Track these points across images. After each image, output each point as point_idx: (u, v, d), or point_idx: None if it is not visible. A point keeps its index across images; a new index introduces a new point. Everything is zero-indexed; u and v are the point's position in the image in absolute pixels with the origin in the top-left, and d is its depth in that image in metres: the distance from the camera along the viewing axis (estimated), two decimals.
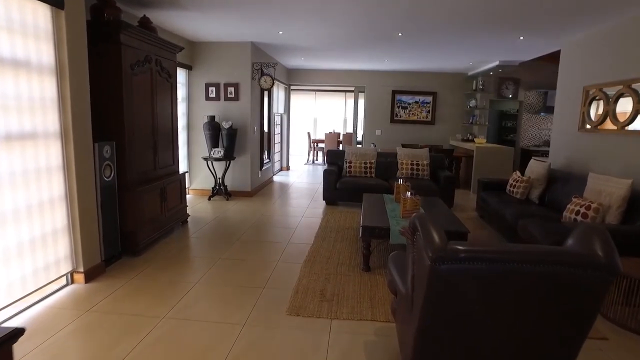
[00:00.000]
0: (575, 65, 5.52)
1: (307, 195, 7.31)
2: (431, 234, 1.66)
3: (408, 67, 9.40)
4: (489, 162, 8.03)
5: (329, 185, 6.42)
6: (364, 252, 3.73)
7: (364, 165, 6.72)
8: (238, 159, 6.93)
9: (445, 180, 6.30)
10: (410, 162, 6.70)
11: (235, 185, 7.03)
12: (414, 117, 10.18)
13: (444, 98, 10.04)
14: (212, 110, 6.82)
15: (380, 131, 10.28)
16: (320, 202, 6.70)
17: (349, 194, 6.37)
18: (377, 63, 8.75)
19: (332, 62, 8.89)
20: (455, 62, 8.25)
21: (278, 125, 10.00)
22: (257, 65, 6.88)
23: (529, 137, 9.89)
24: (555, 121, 6.10)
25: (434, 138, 10.19)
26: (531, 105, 9.78)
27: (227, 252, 4.20)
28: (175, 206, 4.84)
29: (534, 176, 5.37)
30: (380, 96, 10.16)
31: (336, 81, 10.23)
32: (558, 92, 6.05)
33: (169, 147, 4.77)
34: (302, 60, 8.61)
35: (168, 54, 4.60)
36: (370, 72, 10.05)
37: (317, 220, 5.55)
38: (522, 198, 5.35)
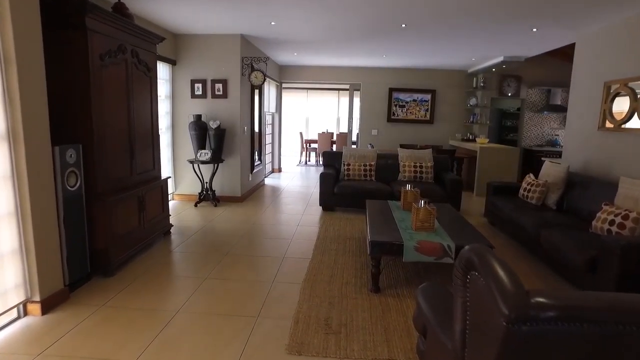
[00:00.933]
0: (594, 58, 5.09)
1: (301, 200, 6.80)
2: (501, 279, 1.17)
3: (406, 64, 8.94)
4: (493, 163, 7.61)
5: (326, 190, 5.92)
6: (373, 270, 3.23)
7: (364, 168, 6.23)
8: (227, 162, 6.40)
9: (452, 184, 5.84)
10: (413, 164, 6.23)
11: (224, 189, 6.50)
12: (412, 116, 9.73)
13: (444, 96, 9.61)
14: (198, 109, 6.27)
15: (376, 131, 9.81)
16: (316, 208, 6.20)
17: (348, 200, 5.88)
18: (375, 59, 8.27)
19: (326, 58, 8.39)
20: (458, 58, 7.81)
21: (269, 125, 9.47)
22: (247, 60, 6.35)
23: (531, 137, 9.50)
24: (570, 120, 5.67)
25: (433, 138, 9.75)
26: (533, 104, 9.39)
27: (214, 270, 3.67)
28: (156, 216, 4.30)
29: (551, 180, 4.93)
30: (377, 94, 9.68)
31: (330, 78, 9.74)
32: (572, 89, 5.62)
33: (149, 149, 4.22)
34: (295, 55, 8.10)
35: (146, 45, 4.06)
36: (367, 68, 9.57)
37: (315, 230, 5.05)
38: (538, 204, 4.91)
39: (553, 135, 9.47)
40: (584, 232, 3.75)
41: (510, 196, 5.35)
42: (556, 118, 9.43)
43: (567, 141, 5.69)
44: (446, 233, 3.39)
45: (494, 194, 5.49)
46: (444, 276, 3.61)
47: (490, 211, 5.48)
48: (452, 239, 3.21)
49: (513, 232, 4.66)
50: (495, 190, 5.50)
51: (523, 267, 3.94)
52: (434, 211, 3.40)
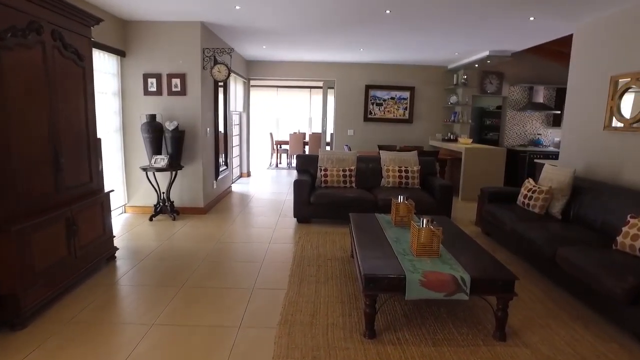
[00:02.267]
0: (598, 50, 4.60)
1: (273, 210, 6.05)
2: None
3: (384, 59, 8.33)
4: (478, 165, 7.10)
5: (300, 200, 5.20)
6: (367, 311, 2.55)
7: (343, 174, 5.55)
8: (187, 168, 5.58)
9: (442, 190, 5.25)
10: (398, 168, 5.60)
11: (185, 200, 5.67)
12: (389, 114, 9.15)
13: (423, 93, 9.07)
14: (153, 108, 5.43)
15: (352, 131, 9.18)
16: (290, 220, 5.47)
17: (326, 210, 5.19)
18: (352, 53, 7.61)
19: (298, 52, 7.67)
20: (440, 53, 7.25)
21: (237, 126, 8.67)
22: (208, 52, 5.54)
23: (514, 136, 9.10)
24: (567, 119, 5.18)
25: (413, 138, 9.20)
26: (516, 102, 8.99)
27: (165, 312, 2.90)
28: (95, 240, 3.48)
29: (555, 186, 4.40)
30: (353, 91, 9.04)
31: (302, 75, 9.01)
32: (570, 85, 5.13)
33: (83, 158, 3.39)
34: (264, 49, 7.34)
35: (76, 26, 3.22)
36: (342, 64, 8.91)
37: (289, 248, 4.33)
38: (541, 213, 4.37)
39: (536, 135, 9.10)
40: (609, 250, 3.20)
41: (507, 203, 4.80)
42: (538, 117, 9.07)
43: (565, 142, 5.20)
44: (455, 260, 2.74)
45: (489, 201, 4.93)
46: (454, 312, 2.97)
47: (485, 220, 4.92)
48: (466, 269, 2.57)
49: (517, 246, 4.09)
50: (491, 197, 4.94)
51: (537, 292, 3.35)
52: (439, 233, 2.75)
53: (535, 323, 2.83)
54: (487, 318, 2.83)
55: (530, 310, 3.00)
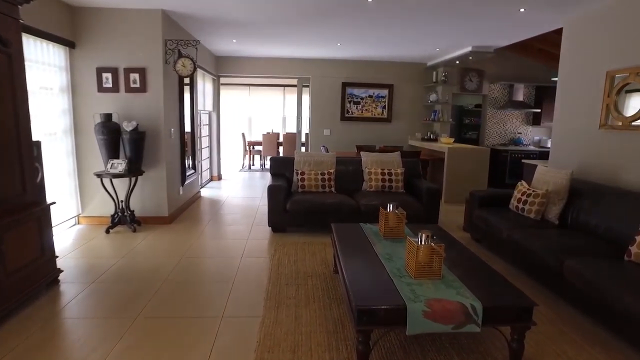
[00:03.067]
0: (592, 44, 4.32)
1: (246, 217, 5.55)
2: None
3: (361, 55, 7.94)
4: (462, 166, 6.81)
5: (276, 207, 4.73)
6: (360, 348, 2.11)
7: (321, 177, 5.11)
8: (149, 173, 5.01)
9: (429, 193, 4.88)
10: (381, 171, 5.20)
11: (147, 209, 5.10)
12: (367, 113, 8.77)
13: (401, 91, 8.73)
14: (108, 106, 4.84)
15: (329, 131, 8.75)
16: (264, 229, 4.99)
17: (304, 217, 4.73)
18: (328, 49, 7.18)
19: (271, 47, 7.17)
20: (421, 48, 6.91)
21: (206, 126, 8.10)
22: (171, 44, 4.99)
23: (494, 135, 8.89)
24: (558, 117, 4.91)
25: (392, 138, 8.86)
26: (496, 100, 8.77)
27: (114, 353, 2.38)
28: (29, 263, 2.91)
29: (551, 189, 4.09)
30: (329, 89, 8.62)
31: (276, 72, 8.52)
32: (561, 81, 4.86)
33: (11, 165, 2.82)
34: (234, 43, 6.81)
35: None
36: (317, 60, 8.47)
37: (264, 263, 3.85)
38: (537, 218, 4.05)
39: (516, 134, 8.92)
40: (622, 262, 2.88)
41: (499, 208, 4.48)
42: (518, 115, 8.88)
43: (556, 141, 4.93)
44: (460, 282, 2.34)
45: (480, 205, 4.59)
46: (459, 342, 2.57)
47: (476, 226, 4.58)
48: (475, 294, 2.17)
49: (515, 256, 3.75)
50: (482, 201, 4.60)
51: (545, 311, 2.99)
52: (441, 251, 2.34)
53: (550, 350, 2.46)
54: (497, 347, 2.45)
55: (541, 334, 2.64)
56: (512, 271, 3.78)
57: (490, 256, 4.17)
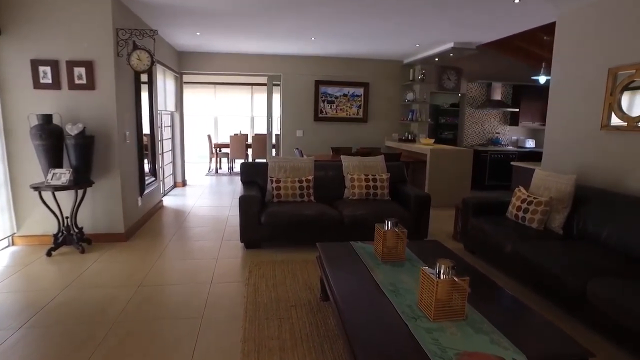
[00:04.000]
0: (591, 39, 4.00)
1: (214, 231, 4.95)
2: None
3: (336, 51, 7.47)
4: (445, 168, 6.46)
5: (248, 220, 4.16)
6: None
7: (299, 185, 4.58)
8: (100, 184, 4.33)
9: (418, 202, 4.44)
10: (364, 176, 4.72)
11: (98, 225, 4.41)
12: (342, 113, 8.31)
13: (378, 90, 8.32)
14: (48, 106, 4.12)
15: (302, 132, 8.23)
16: (236, 245, 4.42)
17: (281, 231, 4.19)
18: (301, 44, 6.65)
19: (239, 42, 6.58)
20: (401, 43, 6.50)
21: (168, 128, 7.40)
22: (124, 34, 4.33)
23: (472, 135, 8.63)
24: (552, 117, 4.59)
25: (368, 139, 8.44)
26: (474, 99, 8.51)
27: None
28: None
29: (554, 195, 3.74)
30: (301, 88, 8.09)
31: (244, 68, 7.91)
32: (555, 79, 4.54)
33: None
34: (198, 36, 6.17)
35: None
36: (288, 57, 7.92)
37: (238, 289, 3.29)
38: (540, 228, 3.69)
39: (494, 134, 8.69)
40: None
41: (495, 216, 4.11)
42: (496, 115, 8.66)
43: (550, 143, 4.61)
44: (489, 323, 1.88)
45: (474, 214, 4.19)
46: None
47: (470, 236, 4.19)
48: (514, 342, 1.71)
49: (520, 272, 3.35)
50: (476, 209, 4.21)
51: None
52: (466, 286, 1.87)
53: None
54: None
55: None
56: (518, 288, 3.38)
57: (489, 270, 3.78)
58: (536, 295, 3.27)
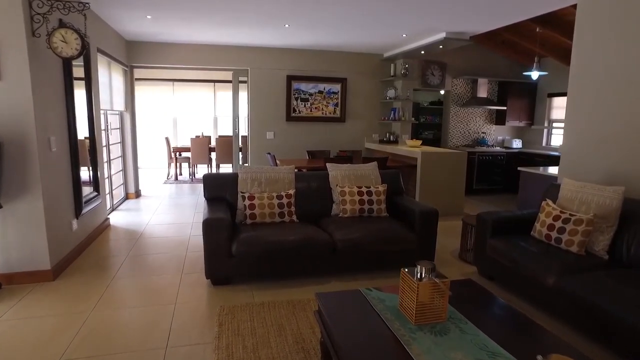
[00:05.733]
0: (633, 18, 3.34)
1: (173, 259, 3.98)
2: None
3: (310, 43, 6.62)
4: (438, 174, 5.76)
5: (216, 251, 3.23)
6: None
7: (278, 202, 3.69)
8: (12, 207, 3.27)
9: (424, 219, 3.66)
10: (357, 189, 3.89)
11: (13, 261, 3.35)
12: (317, 112, 7.47)
13: (356, 87, 7.54)
14: None
15: (272, 133, 7.33)
16: (199, 280, 3.48)
17: (258, 264, 3.29)
18: (273, 32, 5.74)
19: (199, 29, 5.60)
20: (387, 32, 5.72)
21: (117, 130, 6.30)
22: (40, 5, 3.28)
23: (457, 135, 8.00)
24: (571, 114, 3.92)
25: (346, 140, 7.64)
26: (459, 96, 7.88)
27: None
28: None
29: (596, 211, 3.06)
30: (271, 84, 7.19)
31: (206, 61, 6.91)
32: (575, 70, 3.87)
33: None
34: (149, 21, 5.15)
35: None
36: (257, 48, 7.00)
37: (205, 355, 2.38)
38: (582, 252, 2.99)
39: (480, 133, 8.11)
40: None
41: (518, 236, 3.40)
42: (482, 113, 8.08)
43: (569, 144, 3.93)
44: None
45: (494, 233, 3.45)
46: None
47: (489, 260, 3.44)
48: None
49: (574, 316, 2.62)
50: (496, 226, 3.47)
51: None
52: None
53: None
54: None
55: None
56: (563, 329, 2.65)
57: (520, 304, 3.04)
58: (598, 345, 2.54)
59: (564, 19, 6.15)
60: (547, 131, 7.81)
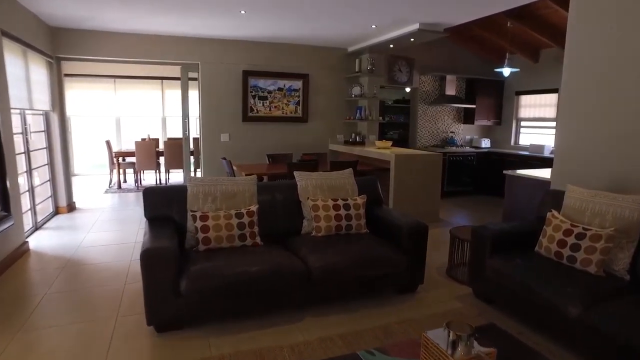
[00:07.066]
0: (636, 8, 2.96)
1: (106, 297, 3.20)
2: None
3: (268, 35, 5.96)
4: (413, 178, 5.30)
5: (159, 290, 2.51)
6: None
7: (238, 222, 3.01)
8: None
9: (413, 236, 3.12)
10: (333, 202, 3.29)
11: None
12: (277, 111, 6.81)
13: (319, 83, 6.95)
14: None
15: (228, 135, 6.60)
16: (140, 327, 2.74)
17: (216, 302, 2.61)
18: (228, 20, 5.02)
19: (141, 16, 4.79)
20: (354, 23, 5.16)
21: (41, 134, 5.35)
22: None
23: (425, 135, 7.61)
24: (566, 115, 3.53)
25: (309, 142, 7.04)
26: (427, 94, 7.49)
27: None
28: None
29: (612, 224, 2.63)
30: (225, 80, 6.45)
31: (150, 55, 6.06)
32: (569, 65, 3.47)
33: None
34: (77, 1, 4.29)
35: None
36: (209, 40, 6.24)
37: None
38: (600, 273, 2.56)
39: (448, 133, 7.76)
40: None
41: (520, 253, 2.93)
42: (450, 112, 7.73)
43: (564, 145, 3.54)
44: None
45: (493, 250, 2.97)
46: None
47: (488, 281, 2.96)
48: None
49: (608, 356, 2.15)
50: (496, 242, 2.98)
51: None
52: None
53: None
54: None
55: None
56: None
57: (532, 336, 2.56)
58: None
59: (536, 12, 5.88)
60: (516, 130, 7.59)
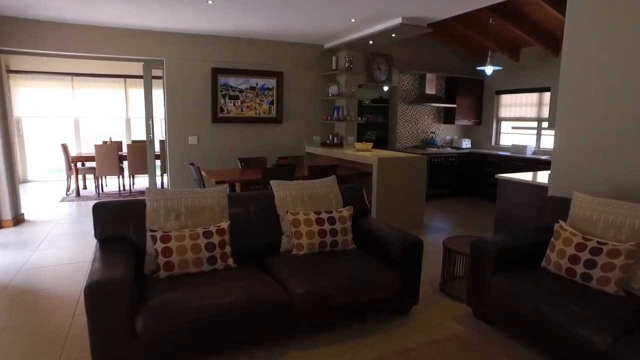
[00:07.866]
0: None
1: (48, 336, 2.70)
2: None
3: (239, 29, 5.52)
4: (396, 182, 4.99)
5: (109, 331, 2.06)
6: None
7: (206, 242, 2.57)
8: None
9: (408, 253, 2.76)
10: (316, 215, 2.90)
11: None
12: (250, 112, 6.36)
13: (294, 82, 6.55)
14: None
15: (196, 138, 6.10)
16: None
17: (181, 343, 2.17)
18: (195, 11, 4.54)
19: (97, 4, 4.24)
20: (333, 16, 4.78)
21: None
22: None
23: (405, 136, 7.33)
24: (564, 117, 3.26)
25: (284, 144, 6.63)
26: (406, 93, 7.20)
27: None
28: None
29: (628, 237, 2.36)
30: (193, 78, 5.96)
31: (108, 49, 5.49)
32: (566, 65, 3.20)
33: None
34: None
35: None
36: (175, 34, 5.73)
37: None
38: (620, 293, 2.28)
39: (429, 133, 7.50)
40: None
41: (525, 270, 2.63)
42: (430, 112, 7.48)
43: (562, 147, 3.27)
44: None
45: (497, 268, 2.65)
46: None
47: (491, 301, 2.64)
48: None
49: None
50: (500, 258, 2.66)
51: None
52: None
53: None
54: None
55: None
56: None
57: (534, 358, 2.25)
58: None
59: (520, 9, 5.67)
60: (496, 130, 7.41)
